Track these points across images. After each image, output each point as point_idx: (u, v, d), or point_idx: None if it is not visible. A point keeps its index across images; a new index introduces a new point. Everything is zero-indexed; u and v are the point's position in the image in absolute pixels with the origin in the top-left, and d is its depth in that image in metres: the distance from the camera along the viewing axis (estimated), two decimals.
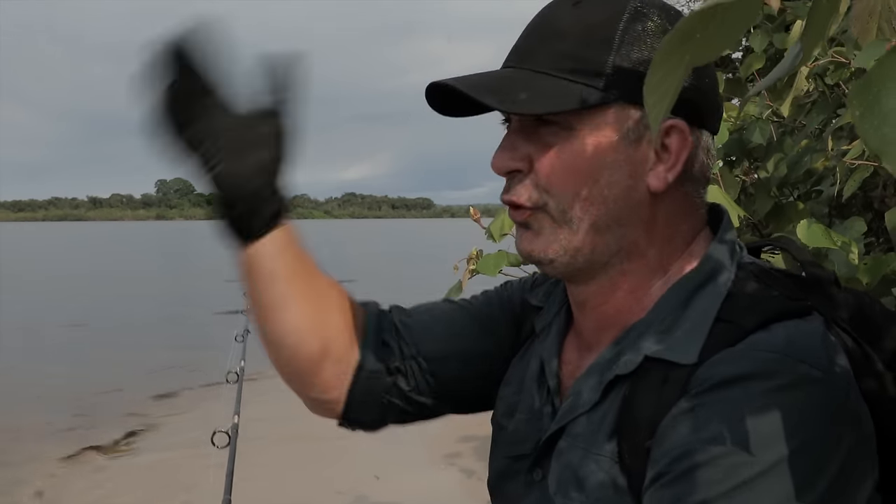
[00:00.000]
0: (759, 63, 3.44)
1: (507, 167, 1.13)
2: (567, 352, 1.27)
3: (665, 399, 1.02)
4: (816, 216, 3.15)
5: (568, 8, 1.12)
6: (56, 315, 22.97)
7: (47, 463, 9.65)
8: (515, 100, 1.07)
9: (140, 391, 13.14)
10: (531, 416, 1.26)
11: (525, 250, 1.16)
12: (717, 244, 1.15)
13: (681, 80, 0.58)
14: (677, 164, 1.11)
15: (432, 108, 1.19)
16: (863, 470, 0.99)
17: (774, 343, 0.99)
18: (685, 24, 0.55)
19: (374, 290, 7.38)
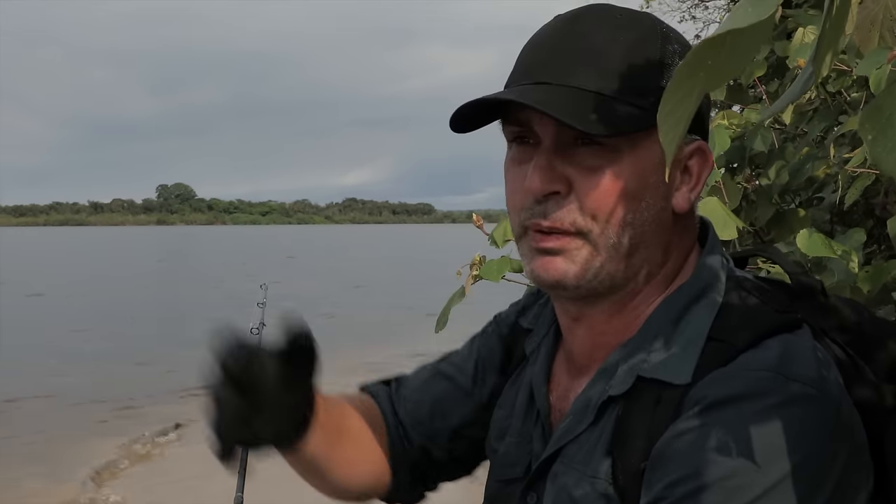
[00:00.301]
0: (760, 70, 3.44)
1: (547, 189, 1.09)
2: (557, 373, 1.27)
3: (659, 420, 1.03)
4: (818, 223, 3.15)
5: (599, 26, 1.10)
6: (65, 319, 22.97)
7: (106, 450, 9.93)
8: (589, 120, 1.04)
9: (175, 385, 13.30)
10: (521, 439, 1.27)
11: (555, 278, 1.11)
12: (706, 258, 1.16)
13: (694, 107, 0.59)
14: (699, 185, 1.14)
15: (451, 125, 1.15)
16: (857, 482, 1.01)
17: (766, 361, 1.00)
18: (696, 53, 0.56)
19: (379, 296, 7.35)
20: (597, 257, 1.09)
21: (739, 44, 0.56)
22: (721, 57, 0.56)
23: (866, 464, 1.03)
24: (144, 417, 11.88)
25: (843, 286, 2.20)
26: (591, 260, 1.09)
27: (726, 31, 0.54)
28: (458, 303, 2.73)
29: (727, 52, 0.56)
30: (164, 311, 25.59)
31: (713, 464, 0.94)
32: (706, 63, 0.56)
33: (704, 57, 0.56)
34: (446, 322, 2.70)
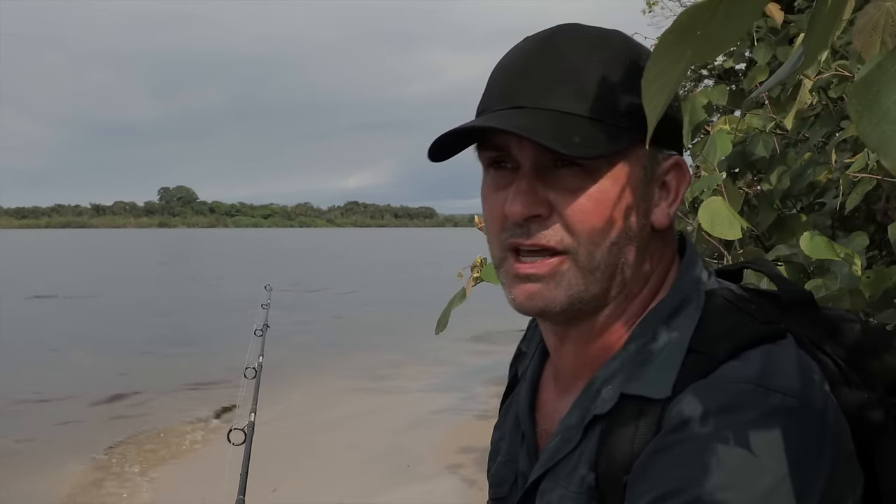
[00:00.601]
0: (762, 75, 3.43)
1: (528, 212, 1.07)
2: (543, 392, 1.27)
3: (641, 434, 1.01)
4: (819, 229, 3.14)
5: (571, 46, 1.09)
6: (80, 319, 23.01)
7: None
8: (573, 144, 1.03)
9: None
10: (508, 458, 1.27)
11: (539, 306, 1.10)
12: (683, 272, 1.15)
13: (680, 77, 0.57)
14: (677, 200, 1.13)
15: (430, 155, 1.13)
16: (844, 492, 0.99)
17: (747, 373, 0.98)
18: (683, 19, 0.54)
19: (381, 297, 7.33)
20: (581, 280, 1.08)
21: (730, 13, 0.54)
22: (712, 26, 0.54)
23: (854, 473, 1.02)
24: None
25: (844, 291, 2.18)
26: (576, 283, 1.08)
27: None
28: (458, 305, 2.72)
29: (718, 21, 0.54)
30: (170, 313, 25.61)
31: (694, 480, 0.92)
32: (695, 32, 0.54)
33: (694, 25, 0.54)
34: (446, 324, 2.69)
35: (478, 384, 13.17)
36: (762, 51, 3.54)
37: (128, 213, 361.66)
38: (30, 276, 41.69)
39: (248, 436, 3.19)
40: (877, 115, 0.55)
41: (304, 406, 12.39)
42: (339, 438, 10.37)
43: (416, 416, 11.50)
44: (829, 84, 2.91)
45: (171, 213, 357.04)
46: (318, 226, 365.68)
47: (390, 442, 10.02)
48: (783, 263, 2.40)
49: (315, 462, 9.26)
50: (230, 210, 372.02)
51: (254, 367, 4.02)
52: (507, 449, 1.29)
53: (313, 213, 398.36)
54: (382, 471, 8.81)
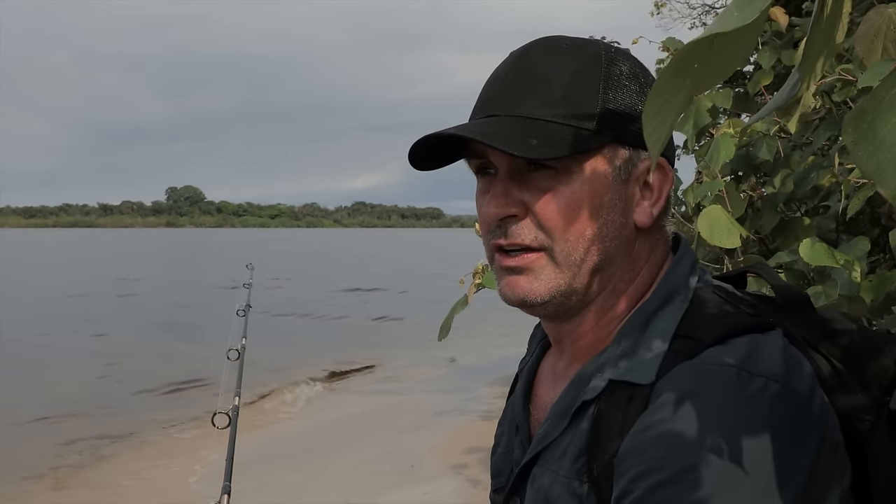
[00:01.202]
0: (767, 79, 3.45)
1: (503, 213, 1.13)
2: (539, 385, 1.32)
3: (630, 417, 1.04)
4: (823, 232, 3.16)
5: (545, 56, 1.15)
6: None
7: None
8: (529, 146, 1.07)
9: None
10: (506, 450, 1.32)
11: (519, 296, 1.15)
12: (673, 268, 1.19)
13: (681, 109, 0.59)
14: (661, 199, 1.17)
15: (410, 162, 1.20)
16: (830, 478, 1.01)
17: (732, 357, 1.01)
18: (683, 54, 0.56)
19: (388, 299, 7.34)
20: (560, 274, 1.13)
21: (726, 47, 0.56)
22: (708, 60, 0.57)
23: (841, 461, 1.03)
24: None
25: (844, 298, 2.19)
26: (555, 277, 1.13)
27: (712, 34, 0.54)
28: (461, 311, 2.74)
29: (714, 55, 0.56)
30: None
31: (675, 457, 0.94)
32: (692, 65, 0.57)
33: (691, 59, 0.56)
34: (449, 330, 2.71)
35: (482, 385, 13.18)
36: (766, 55, 3.56)
37: (135, 213, 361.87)
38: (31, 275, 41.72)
39: (232, 419, 3.15)
40: (872, 143, 0.57)
41: (308, 405, 12.42)
42: (343, 438, 10.39)
43: (420, 416, 11.50)
44: (832, 88, 2.92)
45: (178, 212, 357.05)
46: (324, 226, 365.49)
47: (394, 442, 10.03)
48: (784, 270, 2.42)
49: (319, 462, 9.27)
50: (237, 210, 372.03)
51: (237, 349, 3.95)
52: (506, 441, 1.33)
53: (320, 213, 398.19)
54: (386, 471, 8.82)
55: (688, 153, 4.47)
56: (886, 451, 1.05)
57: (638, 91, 1.15)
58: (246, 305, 4.58)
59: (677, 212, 3.49)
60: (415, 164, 1.21)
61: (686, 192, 3.15)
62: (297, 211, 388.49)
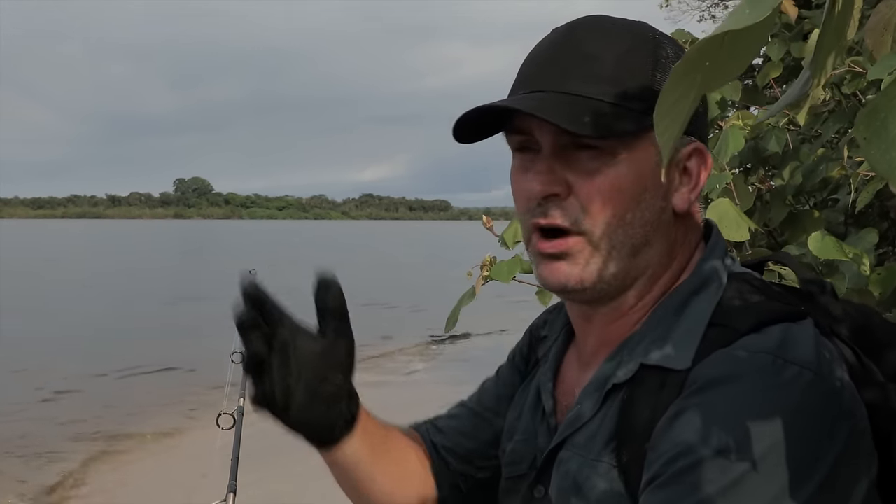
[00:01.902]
0: (776, 72, 3.44)
1: (547, 191, 1.12)
2: (565, 371, 1.31)
3: (662, 403, 1.05)
4: (832, 225, 3.15)
5: (592, 34, 1.14)
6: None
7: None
8: (583, 122, 1.07)
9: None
10: (527, 437, 1.30)
11: (560, 282, 1.14)
12: (707, 256, 1.18)
13: (692, 106, 0.59)
14: (698, 185, 1.17)
15: (455, 134, 1.19)
16: (858, 466, 1.01)
17: (767, 344, 1.01)
18: (694, 52, 0.56)
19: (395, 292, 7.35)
20: (599, 259, 1.12)
21: (737, 45, 0.57)
22: (719, 57, 0.57)
23: (868, 450, 1.04)
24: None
25: (853, 291, 2.19)
26: (594, 262, 1.12)
27: (724, 32, 0.54)
28: (468, 303, 2.74)
29: (725, 53, 0.57)
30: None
31: (708, 440, 0.95)
32: (704, 63, 0.57)
33: (702, 57, 0.56)
34: (456, 321, 2.71)
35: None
36: (776, 47, 3.54)
37: (143, 204, 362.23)
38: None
39: (237, 420, 3.17)
40: (885, 141, 0.57)
41: None
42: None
43: (426, 408, 11.45)
44: (842, 80, 2.91)
45: (186, 204, 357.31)
46: (332, 218, 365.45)
47: None
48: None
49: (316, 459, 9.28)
50: (245, 202, 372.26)
51: (240, 352, 3.94)
52: (525, 427, 1.31)
53: (328, 205, 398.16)
54: None
55: None
56: None
57: None
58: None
59: None
60: (457, 137, 1.19)
61: None
62: (305, 203, 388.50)
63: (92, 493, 8.62)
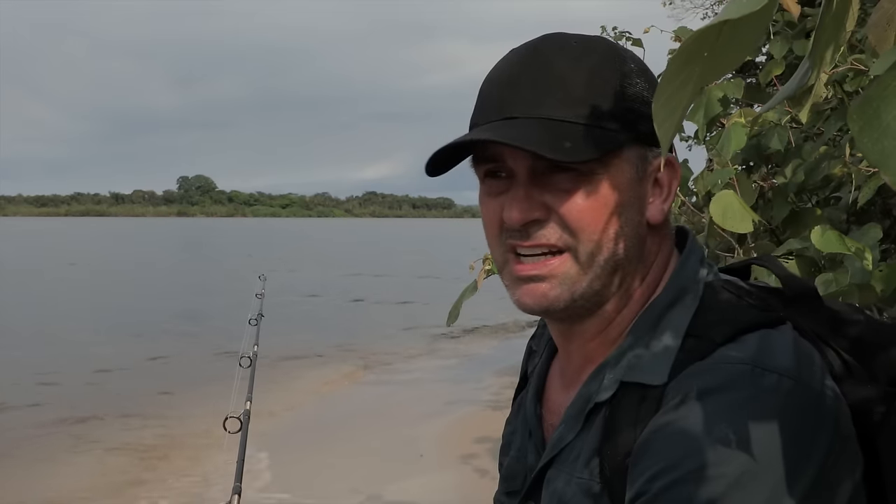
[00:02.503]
0: (778, 69, 3.44)
1: (527, 218, 1.12)
2: (550, 388, 1.32)
3: (643, 417, 1.05)
4: (834, 223, 3.15)
5: (558, 55, 1.13)
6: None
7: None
8: (564, 149, 1.07)
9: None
10: (519, 453, 1.31)
11: (543, 305, 1.15)
12: (681, 266, 1.19)
13: (690, 99, 0.60)
14: (670, 196, 1.18)
15: (427, 170, 1.18)
16: (842, 472, 1.01)
17: (743, 354, 1.01)
18: (692, 42, 0.57)
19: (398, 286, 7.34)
20: (583, 276, 1.13)
21: (735, 34, 0.57)
22: (717, 48, 0.57)
23: (853, 455, 1.04)
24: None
25: (855, 286, 2.19)
26: (578, 280, 1.13)
27: (721, 22, 0.55)
28: (470, 296, 2.75)
29: (723, 43, 0.57)
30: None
31: (690, 456, 0.95)
32: (702, 53, 0.57)
33: (700, 47, 0.57)
34: (458, 315, 2.72)
35: (490, 375, 13.18)
36: (778, 45, 3.54)
37: (146, 202, 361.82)
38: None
39: (243, 424, 3.22)
40: (877, 130, 0.57)
41: (316, 395, 12.44)
42: (350, 428, 10.41)
43: (428, 406, 11.51)
44: (844, 78, 2.91)
45: (189, 202, 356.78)
46: (336, 216, 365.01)
47: (403, 432, 10.05)
48: (795, 258, 2.41)
49: (327, 451, 9.29)
50: (248, 199, 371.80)
51: (248, 357, 4.05)
52: (519, 444, 1.32)
53: (331, 203, 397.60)
54: (394, 460, 8.84)
55: (699, 143, 4.46)
56: None
57: (647, 88, 1.15)
58: (258, 315, 4.68)
59: (688, 201, 3.49)
60: (428, 172, 1.19)
61: (696, 181, 3.15)
62: (309, 201, 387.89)
63: (88, 490, 8.63)
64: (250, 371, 3.96)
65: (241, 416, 3.26)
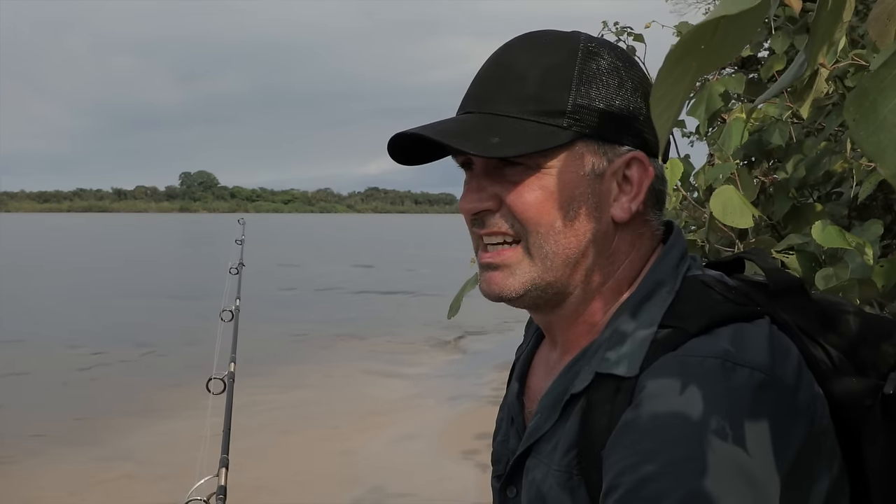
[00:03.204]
0: (780, 65, 3.44)
1: (476, 208, 1.17)
2: (533, 376, 1.34)
3: (617, 409, 1.05)
4: (835, 218, 3.15)
5: (523, 52, 1.17)
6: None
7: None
8: (488, 144, 1.11)
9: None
10: (504, 438, 1.34)
11: (495, 292, 1.19)
12: (660, 259, 1.20)
13: (687, 92, 0.60)
14: (640, 194, 1.18)
15: (392, 158, 1.23)
16: (818, 467, 1.02)
17: (715, 348, 1.02)
18: (689, 36, 0.57)
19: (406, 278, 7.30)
20: (534, 267, 1.16)
21: (731, 29, 0.57)
22: (714, 42, 0.58)
23: (829, 450, 1.05)
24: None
25: (855, 281, 2.19)
26: (529, 271, 1.16)
27: (718, 17, 0.55)
28: (471, 289, 2.75)
29: (720, 38, 0.58)
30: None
31: (660, 450, 0.95)
32: (699, 47, 0.57)
33: (697, 42, 0.57)
34: (458, 308, 2.73)
35: (491, 370, 13.20)
36: (780, 40, 3.54)
37: (149, 198, 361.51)
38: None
39: (227, 385, 2.91)
40: (873, 123, 0.58)
41: (318, 390, 12.46)
42: (352, 421, 10.42)
43: (430, 401, 11.53)
44: (845, 73, 2.91)
45: (191, 197, 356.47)
46: (338, 211, 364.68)
47: (405, 426, 10.06)
48: (795, 253, 2.41)
49: (328, 447, 9.31)
50: (251, 195, 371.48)
51: (230, 310, 3.72)
52: (504, 429, 1.35)
53: (333, 198, 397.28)
54: (396, 454, 8.86)
55: (700, 138, 4.47)
56: (880, 436, 1.06)
57: (617, 85, 1.16)
58: (239, 263, 4.28)
59: (689, 196, 3.49)
60: (402, 161, 1.24)
61: (697, 175, 3.15)
62: (311, 196, 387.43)
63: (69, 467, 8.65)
64: (233, 326, 3.63)
65: (224, 377, 2.95)
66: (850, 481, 1.08)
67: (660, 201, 1.23)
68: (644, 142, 1.19)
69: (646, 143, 1.19)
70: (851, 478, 1.08)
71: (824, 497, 1.02)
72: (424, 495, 7.54)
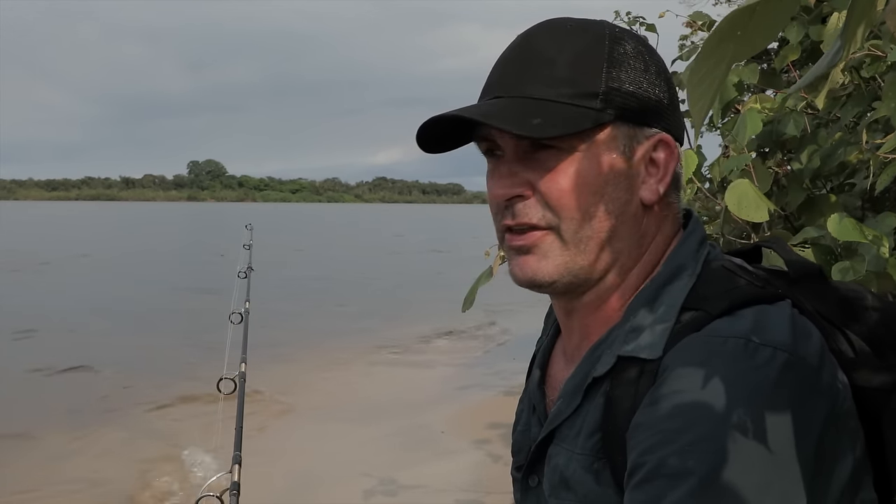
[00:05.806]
0: (794, 54, 3.43)
1: (510, 193, 1.16)
2: (553, 365, 1.34)
3: (640, 391, 1.06)
4: (849, 209, 3.14)
5: (548, 38, 1.16)
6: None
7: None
8: (532, 125, 1.10)
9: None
10: (525, 428, 1.33)
11: (528, 276, 1.17)
12: (681, 243, 1.20)
13: (724, 77, 0.60)
14: (667, 176, 1.18)
15: (419, 145, 1.22)
16: (841, 446, 1.02)
17: (738, 328, 1.02)
18: (726, 23, 0.57)
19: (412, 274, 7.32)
20: (567, 252, 1.15)
21: (766, 15, 0.57)
22: (750, 27, 0.57)
23: (853, 430, 1.05)
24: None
25: (871, 274, 2.18)
26: (563, 255, 1.15)
27: (755, 2, 0.55)
28: (485, 283, 2.75)
29: (756, 22, 0.57)
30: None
31: (685, 430, 0.95)
32: (735, 33, 0.57)
33: (734, 27, 0.57)
34: (473, 301, 2.72)
35: (503, 360, 13.23)
36: (794, 30, 3.53)
37: (157, 187, 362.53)
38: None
39: (238, 385, 3.03)
40: None
41: (330, 379, 12.50)
42: (364, 412, 10.46)
43: (442, 391, 11.56)
44: (861, 64, 2.90)
45: (199, 186, 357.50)
46: (345, 201, 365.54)
47: (417, 417, 10.09)
48: (811, 245, 2.41)
49: (340, 435, 9.34)
50: (259, 184, 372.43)
51: (240, 313, 3.86)
52: (525, 419, 1.34)
53: (341, 188, 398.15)
54: (408, 445, 8.88)
55: (712, 129, 4.46)
56: None
57: (643, 69, 1.16)
58: (247, 267, 4.48)
59: (702, 188, 3.48)
60: (425, 147, 1.23)
61: (712, 167, 3.14)
62: (319, 186, 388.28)
63: (79, 463, 8.69)
64: (243, 328, 3.76)
65: (235, 377, 3.08)
66: (871, 465, 1.08)
67: (680, 184, 1.23)
68: (668, 125, 1.19)
69: (668, 127, 1.19)
70: (873, 462, 1.08)
71: (848, 476, 1.03)
72: (437, 486, 7.56)
